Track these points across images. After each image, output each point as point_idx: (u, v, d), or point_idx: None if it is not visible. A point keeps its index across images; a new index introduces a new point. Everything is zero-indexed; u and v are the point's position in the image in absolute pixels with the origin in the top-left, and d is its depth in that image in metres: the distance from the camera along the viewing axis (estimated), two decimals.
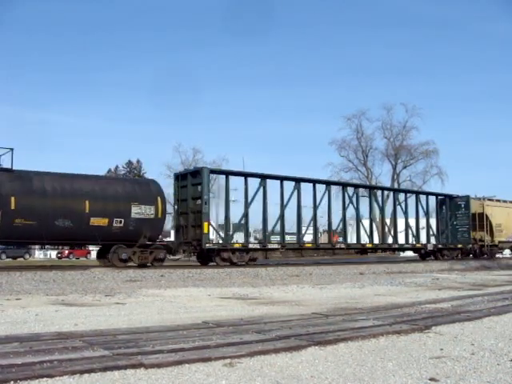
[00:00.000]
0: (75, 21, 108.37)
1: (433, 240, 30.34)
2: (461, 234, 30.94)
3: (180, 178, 21.92)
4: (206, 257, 21.03)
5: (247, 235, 22.70)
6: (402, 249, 29.83)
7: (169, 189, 31.13)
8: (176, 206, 21.86)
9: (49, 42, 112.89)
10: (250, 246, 22.05)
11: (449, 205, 31.10)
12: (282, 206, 23.29)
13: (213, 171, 23.23)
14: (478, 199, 32.75)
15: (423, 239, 29.83)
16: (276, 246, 23.36)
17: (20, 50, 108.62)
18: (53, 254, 48.38)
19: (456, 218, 31.09)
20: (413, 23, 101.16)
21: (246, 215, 22.32)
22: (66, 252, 45.35)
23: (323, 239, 32.19)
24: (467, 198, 31.24)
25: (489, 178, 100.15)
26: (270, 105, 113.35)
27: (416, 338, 5.06)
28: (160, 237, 20.66)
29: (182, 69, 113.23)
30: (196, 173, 21.12)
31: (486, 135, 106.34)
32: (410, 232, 28.91)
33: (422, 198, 30.72)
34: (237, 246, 21.34)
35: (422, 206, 30.09)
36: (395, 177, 57.67)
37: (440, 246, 29.90)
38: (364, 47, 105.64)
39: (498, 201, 33.93)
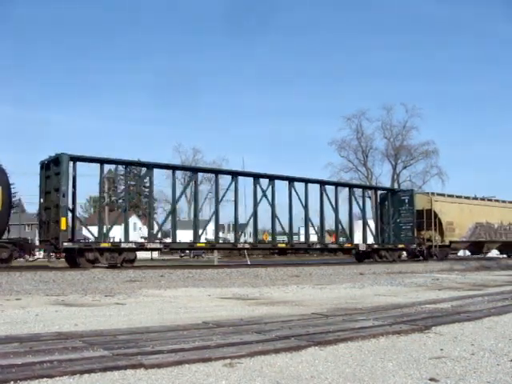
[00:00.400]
0: (76, 22, 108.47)
1: (370, 240, 26.95)
2: (404, 232, 27.55)
3: (45, 166, 19.06)
4: (73, 257, 18.41)
5: (126, 233, 19.60)
6: (327, 249, 26.49)
7: (168, 189, 30.33)
8: (41, 200, 19.24)
9: (49, 43, 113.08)
10: (124, 245, 19.05)
11: (391, 200, 27.86)
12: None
13: (74, 158, 18.80)
14: (426, 194, 29.95)
15: (358, 239, 26.98)
16: (158, 245, 21.16)
17: (20, 50, 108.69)
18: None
19: (399, 215, 27.64)
20: (413, 24, 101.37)
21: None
22: None
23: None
24: (411, 193, 28.47)
25: (489, 178, 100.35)
26: (269, 105, 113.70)
27: (416, 338, 5.05)
28: (9, 233, 18.12)
29: (182, 69, 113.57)
30: (57, 161, 18.30)
31: (486, 135, 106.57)
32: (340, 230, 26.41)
33: (358, 192, 27.76)
34: (105, 245, 18.58)
35: (357, 202, 27.16)
36: (395, 177, 57.78)
37: (376, 246, 26.48)
38: (364, 48, 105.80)
39: (451, 196, 30.73)
